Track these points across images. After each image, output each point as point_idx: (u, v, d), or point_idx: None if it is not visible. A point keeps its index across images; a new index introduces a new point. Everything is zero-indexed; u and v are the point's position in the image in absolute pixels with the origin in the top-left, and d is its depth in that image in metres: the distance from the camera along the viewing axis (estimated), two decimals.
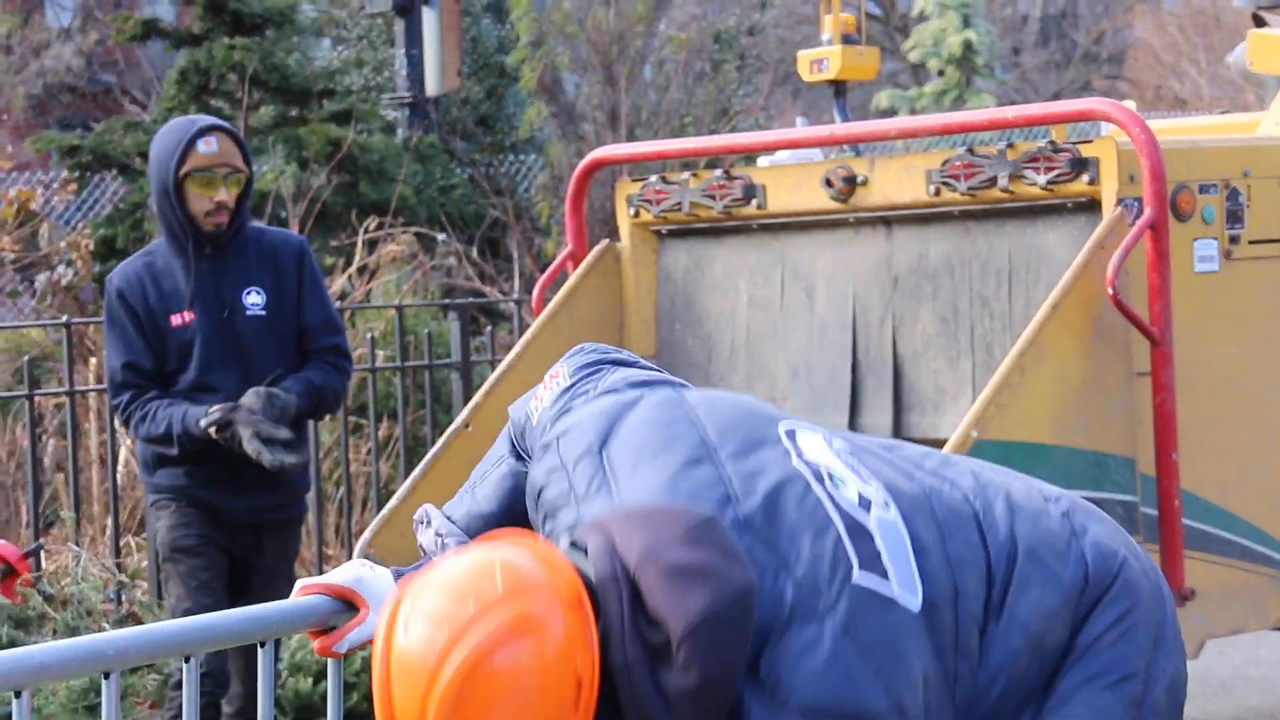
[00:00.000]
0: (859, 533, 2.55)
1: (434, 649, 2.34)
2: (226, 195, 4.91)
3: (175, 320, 4.93)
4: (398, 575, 2.89)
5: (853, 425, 5.45)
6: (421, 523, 3.00)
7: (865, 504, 2.60)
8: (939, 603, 2.56)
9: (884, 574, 2.53)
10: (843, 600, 2.46)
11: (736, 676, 2.39)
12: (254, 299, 4.97)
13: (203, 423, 4.76)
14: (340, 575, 2.92)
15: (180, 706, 4.41)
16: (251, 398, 4.78)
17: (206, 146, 4.94)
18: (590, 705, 2.36)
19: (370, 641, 2.73)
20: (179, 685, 4.52)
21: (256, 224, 5.19)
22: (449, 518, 2.97)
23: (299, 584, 2.94)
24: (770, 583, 2.45)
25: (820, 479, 2.60)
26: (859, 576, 2.51)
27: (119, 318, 4.95)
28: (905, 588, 2.53)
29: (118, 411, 4.95)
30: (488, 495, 2.94)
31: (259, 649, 2.89)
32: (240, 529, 4.87)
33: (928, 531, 2.62)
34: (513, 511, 2.88)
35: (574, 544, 2.48)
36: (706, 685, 2.37)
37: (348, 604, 2.91)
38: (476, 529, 2.91)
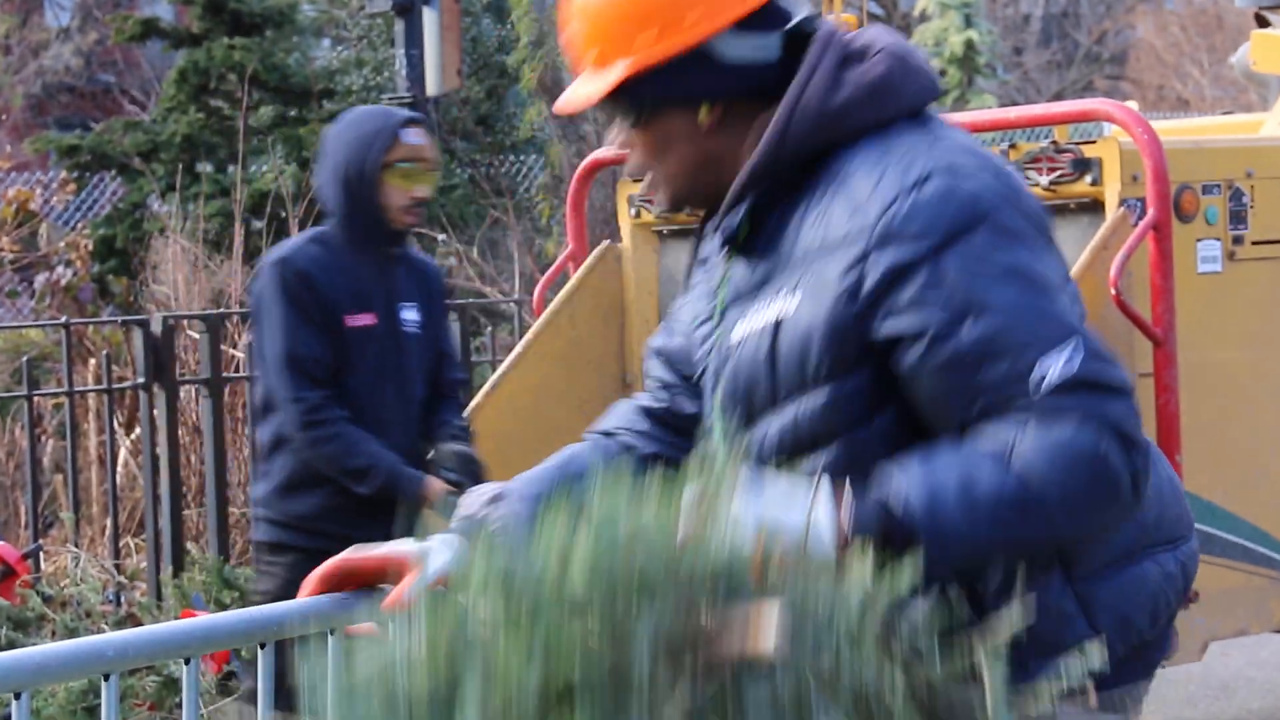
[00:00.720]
0: None
1: None
2: (425, 192, 4.61)
3: (352, 321, 4.57)
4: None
5: None
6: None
7: None
8: None
9: None
10: None
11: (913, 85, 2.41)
12: (410, 314, 4.67)
13: (435, 501, 4.39)
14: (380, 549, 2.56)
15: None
16: (473, 466, 4.56)
17: (416, 137, 4.59)
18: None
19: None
20: (252, 696, 4.06)
21: None
22: None
23: (313, 575, 2.66)
24: None
25: None
26: None
27: (301, 301, 4.49)
28: None
29: (303, 411, 4.47)
30: None
31: (259, 650, 2.88)
32: None
33: None
34: None
35: None
36: (889, 78, 2.38)
37: (356, 590, 2.62)
38: None
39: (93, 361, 7.91)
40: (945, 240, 2.31)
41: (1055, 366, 2.32)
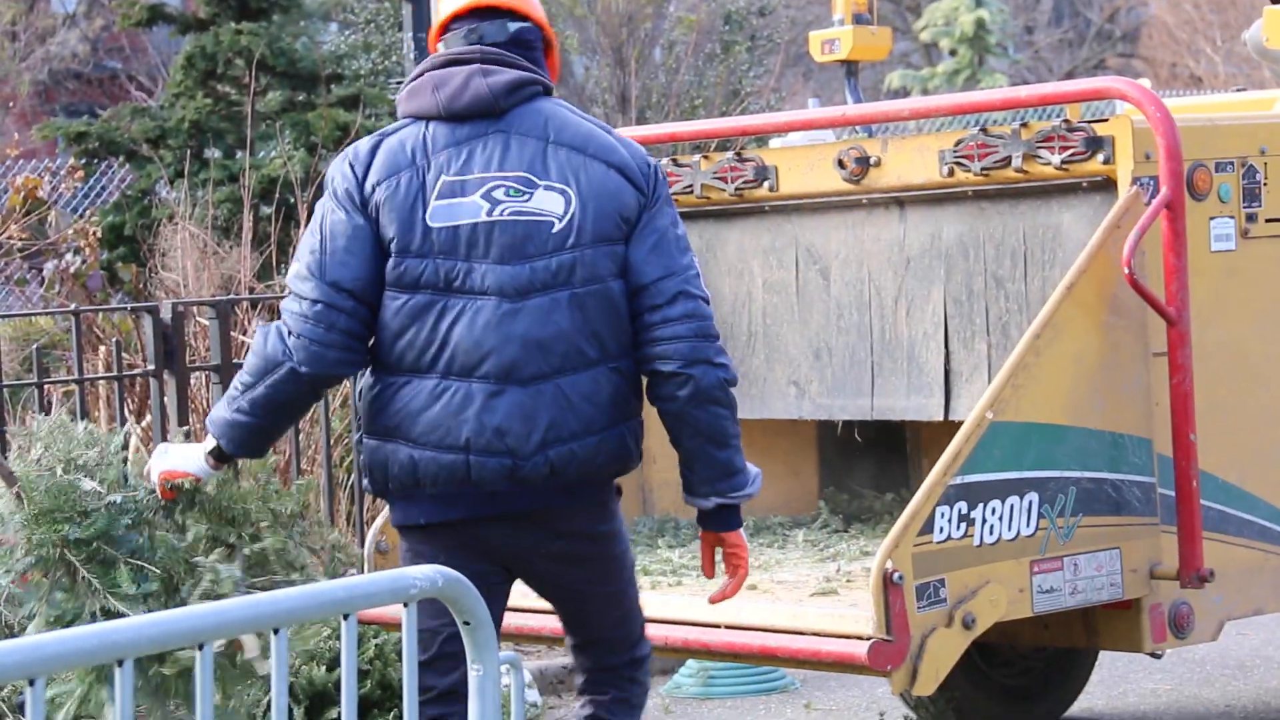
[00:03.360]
0: None
1: None
2: None
3: None
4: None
5: (871, 407, 5.43)
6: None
7: None
8: None
9: None
10: None
11: None
12: None
13: None
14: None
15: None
16: None
17: None
18: None
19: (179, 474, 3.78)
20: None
21: None
22: None
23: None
24: None
25: None
26: None
27: None
28: None
29: None
30: None
31: (273, 635, 2.87)
32: None
33: None
34: None
35: None
36: None
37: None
38: None
39: (102, 349, 7.89)
40: None
41: None
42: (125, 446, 3.86)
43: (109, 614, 3.63)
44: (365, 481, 3.81)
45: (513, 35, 3.81)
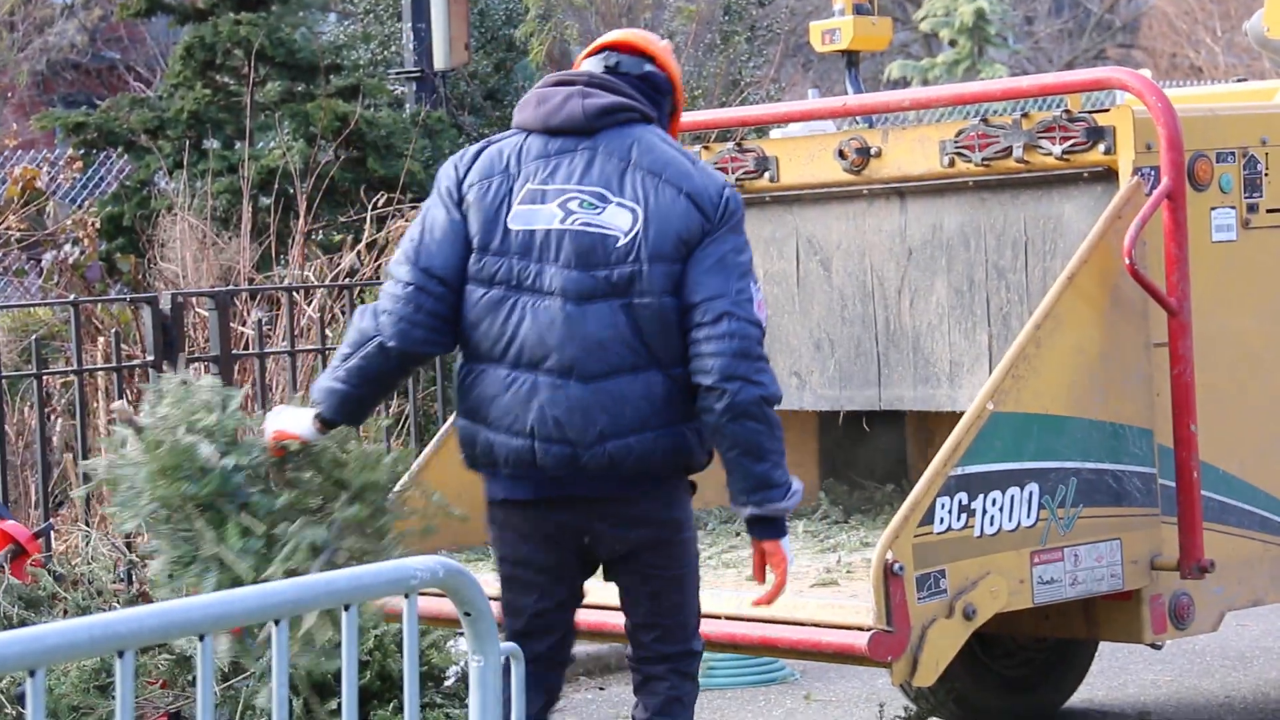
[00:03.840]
0: None
1: None
2: None
3: None
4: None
5: (879, 398, 5.42)
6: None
7: None
8: None
9: None
10: None
11: None
12: None
13: None
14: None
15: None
16: None
17: None
18: None
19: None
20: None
21: None
22: None
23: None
24: None
25: None
26: None
27: None
28: None
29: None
30: None
31: (274, 627, 2.86)
32: None
33: None
34: None
35: None
36: None
37: None
38: None
39: (101, 340, 7.89)
40: None
41: None
42: (242, 407, 4.21)
43: (220, 563, 4.01)
44: (462, 455, 4.14)
45: (645, 73, 4.18)
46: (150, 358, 6.70)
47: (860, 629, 4.32)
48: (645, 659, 4.10)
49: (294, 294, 7.62)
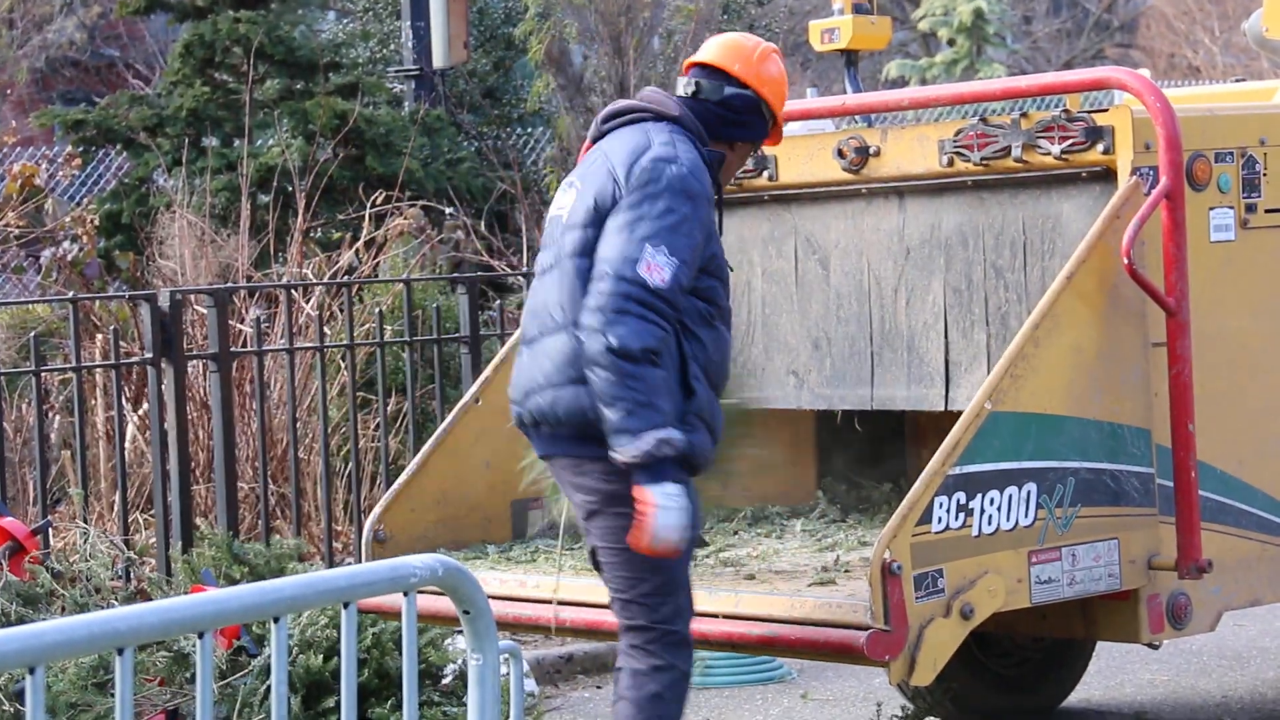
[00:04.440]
0: None
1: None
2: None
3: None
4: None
5: (871, 397, 5.42)
6: None
7: None
8: None
9: None
10: None
11: None
12: None
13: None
14: None
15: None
16: None
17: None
18: None
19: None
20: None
21: None
22: None
23: None
24: None
25: None
26: None
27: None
28: None
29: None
30: None
31: (272, 624, 2.87)
32: None
33: None
34: None
35: None
36: None
37: None
38: None
39: (100, 337, 7.89)
40: None
41: None
42: None
43: None
44: None
45: (724, 99, 4.39)
46: (149, 355, 6.70)
47: (858, 628, 4.32)
48: (621, 630, 4.27)
49: (292, 292, 7.63)
